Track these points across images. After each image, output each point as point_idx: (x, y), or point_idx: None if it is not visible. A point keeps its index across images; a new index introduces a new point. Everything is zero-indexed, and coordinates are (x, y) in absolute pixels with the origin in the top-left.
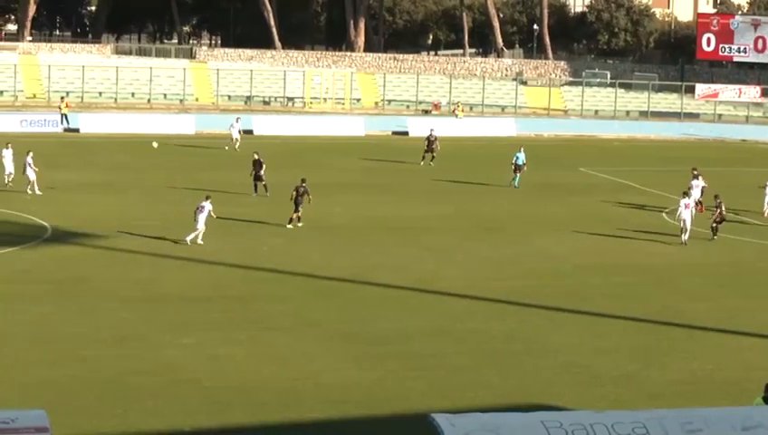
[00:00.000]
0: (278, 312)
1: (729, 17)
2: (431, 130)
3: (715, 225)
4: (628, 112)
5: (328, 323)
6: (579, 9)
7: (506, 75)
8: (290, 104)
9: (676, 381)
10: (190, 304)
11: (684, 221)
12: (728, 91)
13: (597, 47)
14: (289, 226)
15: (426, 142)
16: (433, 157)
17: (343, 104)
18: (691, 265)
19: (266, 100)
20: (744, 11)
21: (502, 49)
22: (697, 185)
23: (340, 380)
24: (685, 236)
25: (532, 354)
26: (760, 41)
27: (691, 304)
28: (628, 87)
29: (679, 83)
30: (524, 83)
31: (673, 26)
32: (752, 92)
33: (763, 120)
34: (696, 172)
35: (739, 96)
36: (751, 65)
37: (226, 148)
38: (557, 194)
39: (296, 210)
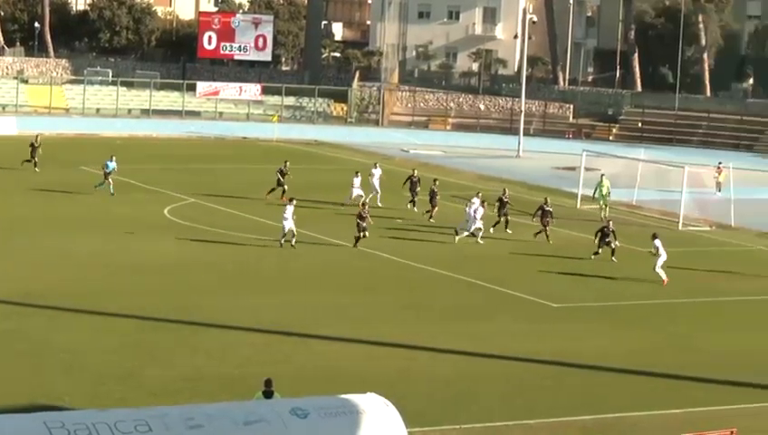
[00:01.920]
0: None
1: (230, 16)
2: (37, 135)
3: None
4: (130, 110)
5: None
6: (81, 7)
7: (7, 74)
8: None
9: (180, 377)
10: None
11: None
12: (229, 89)
13: (99, 45)
14: None
15: (30, 148)
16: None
17: None
18: (199, 263)
19: None
20: (246, 10)
21: (2, 47)
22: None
23: None
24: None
25: (35, 355)
26: (261, 39)
27: (196, 301)
28: (130, 85)
29: (181, 81)
30: (25, 82)
31: (175, 25)
32: (252, 90)
33: (262, 118)
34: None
35: (240, 94)
36: (252, 63)
37: None
38: (63, 193)
39: None
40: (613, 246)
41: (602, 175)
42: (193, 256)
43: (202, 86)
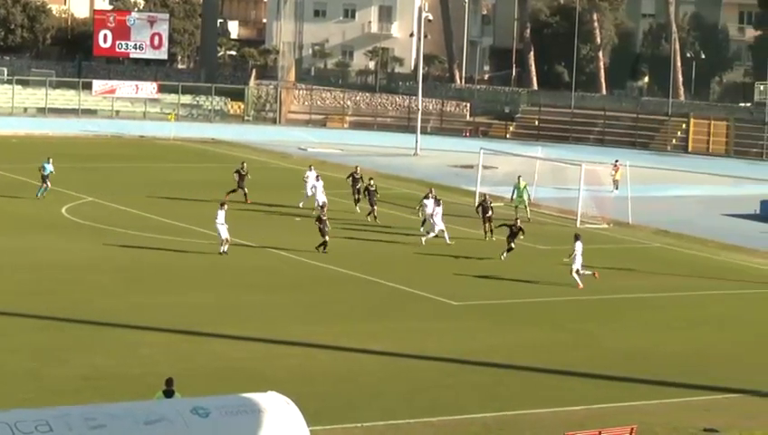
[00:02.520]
0: None
1: (125, 14)
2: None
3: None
4: (25, 109)
5: None
6: None
7: None
8: None
9: (79, 377)
10: None
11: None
12: (125, 88)
13: None
14: None
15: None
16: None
17: None
18: (97, 263)
19: None
20: (141, 8)
21: None
22: None
23: None
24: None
25: None
26: (156, 37)
27: (95, 301)
28: (25, 83)
29: (77, 80)
30: None
31: (70, 23)
32: (149, 88)
33: (159, 116)
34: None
35: (136, 92)
36: (148, 61)
37: None
38: None
39: None
40: (512, 245)
41: (519, 177)
42: (91, 255)
43: (98, 84)
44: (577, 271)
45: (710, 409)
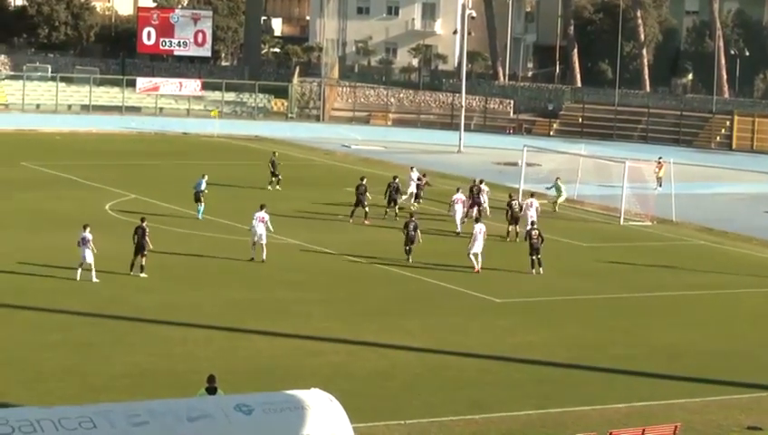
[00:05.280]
0: None
1: (169, 11)
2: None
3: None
4: (69, 106)
5: None
6: (19, 3)
7: None
8: None
9: (121, 374)
10: None
11: None
12: (169, 85)
13: (38, 41)
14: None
15: (270, 166)
16: (279, 180)
17: None
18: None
19: None
20: (184, 5)
21: None
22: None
23: None
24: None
25: None
26: (200, 35)
27: (135, 297)
28: (69, 81)
29: (121, 77)
30: None
31: (114, 20)
32: (192, 86)
33: (202, 113)
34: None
35: (180, 90)
36: (191, 59)
37: None
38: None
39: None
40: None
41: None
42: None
43: (142, 82)
44: (475, 254)
45: (754, 407)
